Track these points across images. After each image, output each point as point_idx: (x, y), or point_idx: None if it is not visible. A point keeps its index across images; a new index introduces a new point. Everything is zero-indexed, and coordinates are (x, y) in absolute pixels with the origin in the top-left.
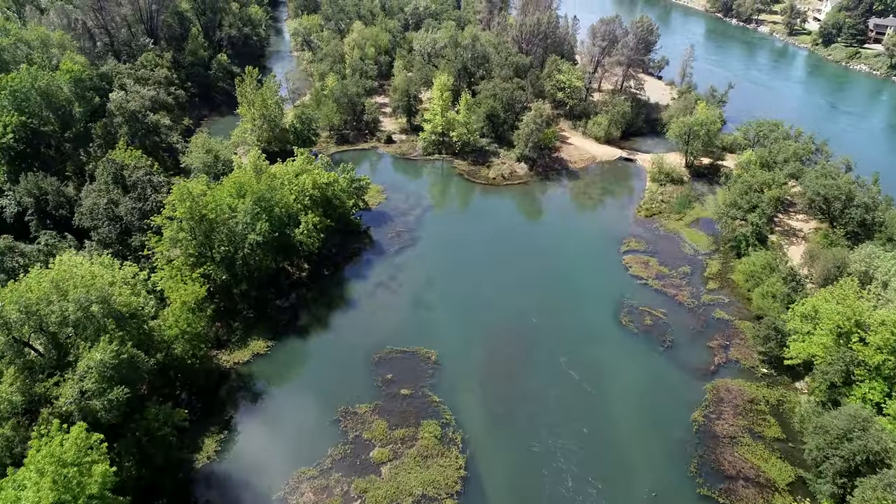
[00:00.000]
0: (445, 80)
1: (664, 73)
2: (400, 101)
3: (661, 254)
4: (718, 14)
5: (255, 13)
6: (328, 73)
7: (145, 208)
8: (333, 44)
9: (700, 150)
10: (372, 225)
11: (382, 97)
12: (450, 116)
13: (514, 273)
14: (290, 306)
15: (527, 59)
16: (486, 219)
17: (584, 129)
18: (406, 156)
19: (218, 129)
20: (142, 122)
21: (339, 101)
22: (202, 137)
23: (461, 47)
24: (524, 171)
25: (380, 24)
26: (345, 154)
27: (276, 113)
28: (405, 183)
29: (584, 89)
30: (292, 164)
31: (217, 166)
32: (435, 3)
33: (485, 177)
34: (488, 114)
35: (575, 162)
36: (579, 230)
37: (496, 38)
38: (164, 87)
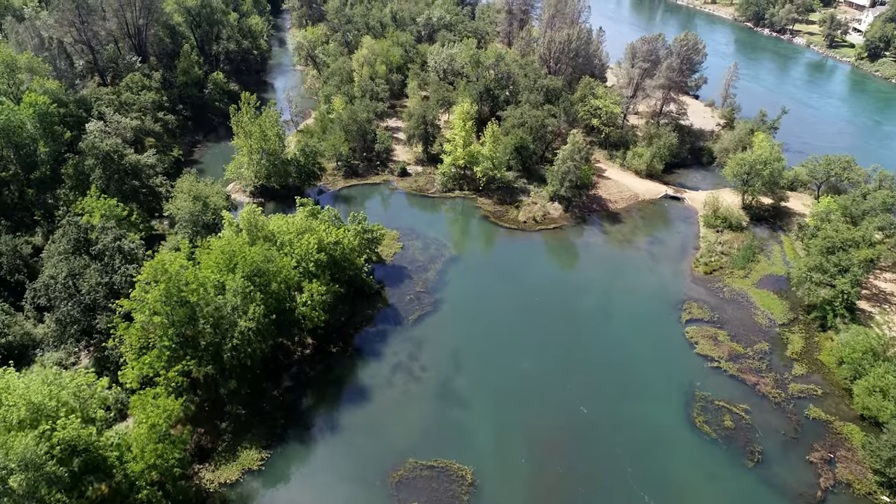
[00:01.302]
0: (468, 107)
1: (701, 92)
2: (415, 129)
3: (731, 324)
4: (748, 24)
5: (255, 24)
6: (335, 94)
7: (114, 283)
8: (340, 61)
9: (761, 190)
10: (387, 282)
11: (395, 120)
12: (474, 149)
13: (556, 348)
14: (290, 397)
15: (558, 81)
16: (518, 274)
17: (622, 161)
18: (423, 192)
19: (212, 158)
20: (118, 164)
21: (347, 128)
22: (188, 181)
23: (483, 67)
24: (558, 213)
25: (391, 37)
26: (354, 189)
27: (277, 146)
28: (423, 227)
29: (623, 115)
30: (294, 219)
31: (206, 216)
32: (450, 14)
33: (514, 219)
34: (517, 146)
35: (615, 201)
36: (628, 290)
37: (521, 56)
38: (152, 113)
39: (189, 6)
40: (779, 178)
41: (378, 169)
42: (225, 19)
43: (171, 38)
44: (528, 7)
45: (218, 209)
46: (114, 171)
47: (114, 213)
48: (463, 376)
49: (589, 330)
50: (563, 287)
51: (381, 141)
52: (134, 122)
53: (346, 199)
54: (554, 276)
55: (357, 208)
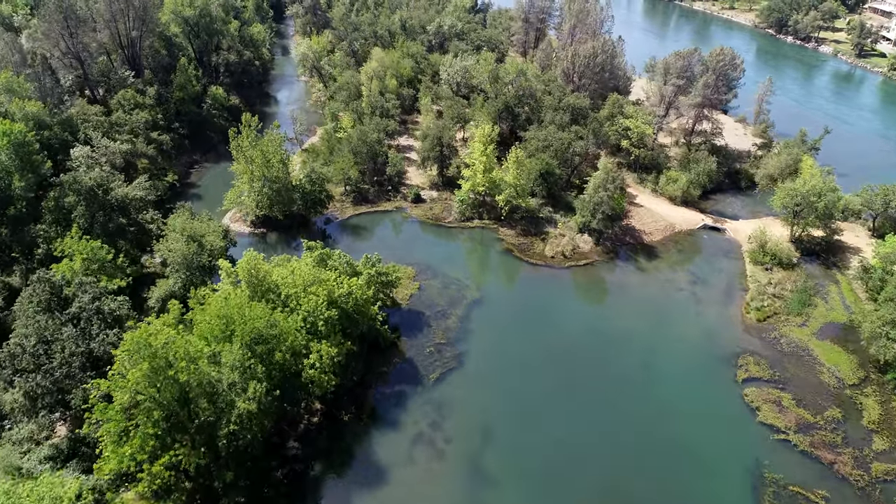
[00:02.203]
0: (489, 130)
1: (729, 106)
2: (430, 151)
3: (794, 384)
4: (770, 30)
5: (257, 33)
6: (342, 110)
7: (92, 351)
8: (348, 75)
9: (814, 223)
10: (403, 331)
11: (406, 138)
12: (496, 176)
13: (595, 411)
14: (296, 480)
15: (585, 99)
16: (549, 321)
17: (654, 186)
18: (439, 221)
19: (211, 181)
20: (103, 199)
21: (356, 150)
22: (181, 218)
23: (502, 82)
24: (588, 247)
25: (400, 48)
26: (364, 218)
27: (281, 173)
28: (441, 263)
29: (654, 136)
30: (300, 267)
31: (201, 258)
32: (461, 22)
33: (540, 254)
34: (542, 171)
35: (649, 233)
36: (673, 341)
37: (542, 69)
38: (144, 134)
39: (187, 16)
40: (833, 210)
41: (390, 194)
42: (225, 29)
43: (167, 50)
44: (546, 16)
45: (215, 250)
46: (98, 207)
47: (97, 257)
48: (492, 450)
49: (631, 389)
50: (600, 336)
51: (394, 164)
52: (124, 147)
53: (356, 230)
54: (588, 323)
55: (368, 240)
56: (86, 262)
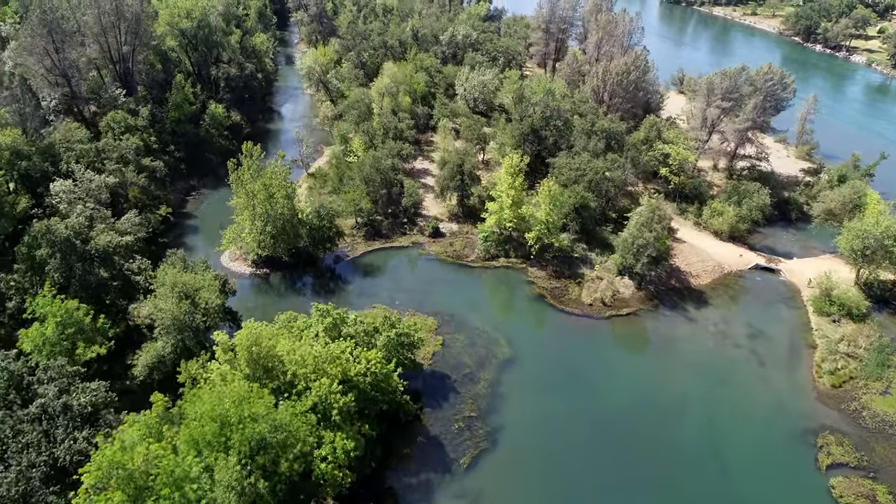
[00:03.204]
0: (517, 161)
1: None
2: (450, 180)
3: (888, 472)
4: (796, 38)
5: (259, 43)
6: (352, 132)
7: (58, 458)
8: (358, 92)
9: (887, 267)
10: (426, 399)
11: (421, 160)
12: (526, 212)
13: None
14: None
15: (621, 124)
16: (592, 385)
17: (696, 219)
18: (461, 259)
19: (209, 210)
20: (81, 251)
21: (369, 178)
22: (172, 271)
23: (527, 102)
24: (630, 292)
25: (412, 60)
26: (378, 255)
27: (286, 209)
28: (465, 310)
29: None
30: (310, 341)
31: (195, 318)
32: (476, 31)
33: (576, 300)
34: (577, 206)
35: (696, 275)
36: (736, 412)
37: (567, 85)
38: (135, 162)
39: (184, 28)
40: None
41: (405, 227)
42: (225, 40)
43: (162, 65)
44: (568, 26)
45: (211, 308)
46: (77, 257)
47: (73, 320)
48: None
49: (695, 478)
50: (651, 405)
51: (410, 194)
52: (111, 180)
53: (369, 270)
54: (637, 388)
55: (382, 282)
56: (60, 326)
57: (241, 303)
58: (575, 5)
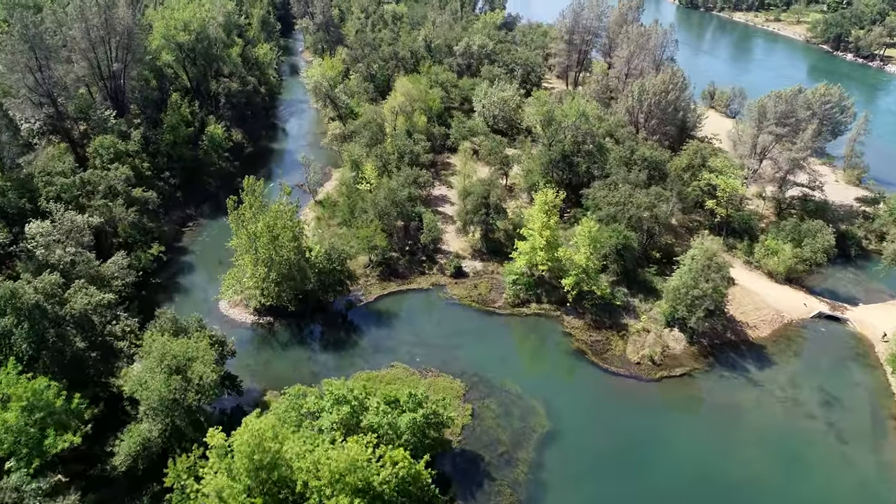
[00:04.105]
0: (552, 197)
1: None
2: (473, 213)
3: None
4: (824, 46)
5: (263, 55)
6: (364, 157)
7: None
8: (370, 111)
9: None
10: (457, 488)
11: (438, 185)
12: (563, 255)
13: None
14: None
15: (664, 152)
16: (645, 464)
17: (747, 257)
18: (487, 305)
19: (207, 244)
20: (54, 316)
21: (384, 212)
22: (161, 340)
23: (557, 126)
24: (681, 347)
25: (426, 73)
26: (394, 299)
27: (293, 254)
28: (495, 369)
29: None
30: (323, 446)
31: (187, 396)
32: (492, 41)
33: (620, 357)
34: (619, 246)
35: (754, 325)
36: (819, 500)
37: (595, 101)
38: (125, 194)
39: (181, 42)
40: None
41: (424, 266)
42: (226, 53)
43: (157, 81)
44: (592, 37)
45: (206, 384)
46: (50, 323)
47: (42, 402)
48: None
49: None
50: (714, 487)
51: (430, 229)
52: (95, 220)
53: (385, 317)
54: (698, 467)
55: (400, 332)
56: (26, 411)
57: (241, 359)
58: (600, 14)
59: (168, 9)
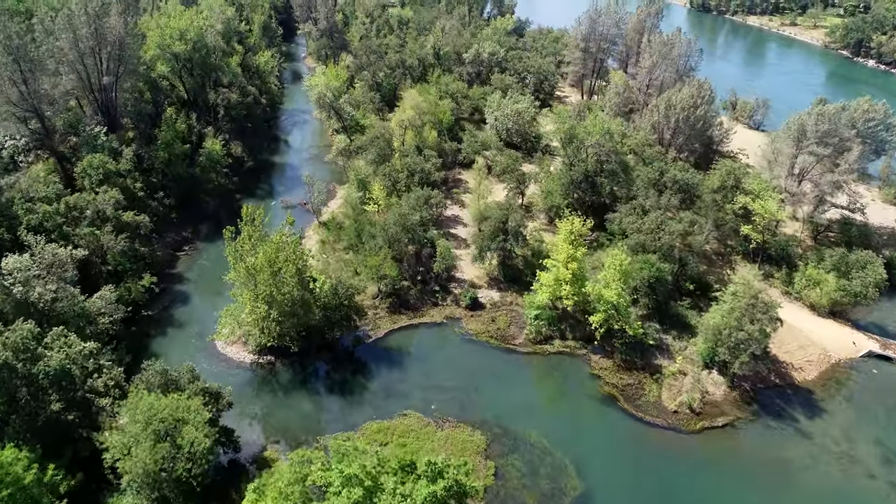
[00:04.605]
0: (578, 226)
1: None
2: (490, 240)
3: None
4: (843, 51)
5: (264, 63)
6: (372, 176)
7: None
8: (377, 125)
9: None
10: None
11: (451, 205)
12: (592, 292)
13: None
14: None
15: (696, 174)
16: None
17: (786, 287)
18: (507, 341)
19: (204, 270)
20: (26, 373)
21: (394, 239)
22: (147, 400)
23: (579, 144)
24: (721, 392)
25: (435, 82)
26: (405, 335)
27: (297, 290)
28: (520, 419)
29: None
30: None
31: (176, 467)
32: (503, 48)
33: (655, 403)
34: (651, 279)
35: (799, 367)
36: None
37: (614, 117)
38: (114, 220)
39: (177, 51)
40: None
41: (437, 296)
42: (225, 63)
43: (151, 94)
44: (609, 44)
45: (198, 451)
46: (20, 384)
47: (10, 477)
48: None
49: None
50: None
51: (443, 257)
52: (79, 254)
53: (395, 355)
54: None
55: (412, 373)
56: None
57: (239, 405)
58: (618, 21)
59: (165, 15)
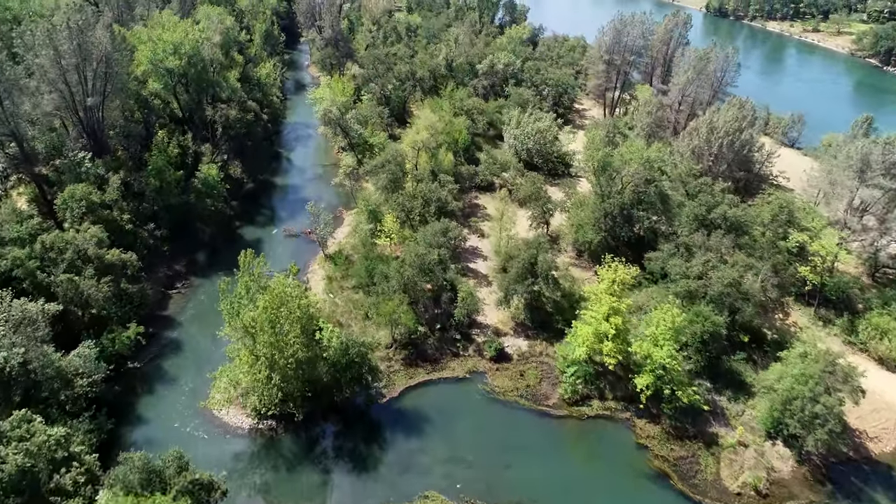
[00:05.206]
0: (622, 273)
1: None
2: (518, 283)
3: None
4: (871, 60)
5: (265, 75)
6: (384, 205)
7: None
8: (389, 151)
9: None
10: None
11: (468, 233)
12: (639, 350)
13: None
14: None
15: (746, 210)
16: None
17: (847, 335)
18: (538, 402)
19: (198, 312)
20: None
21: (410, 284)
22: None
23: (614, 173)
24: (788, 468)
25: (448, 97)
26: (425, 393)
27: (303, 352)
28: (556, 500)
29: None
30: None
31: None
32: (520, 58)
33: (714, 482)
34: (705, 335)
35: (875, 436)
36: None
37: (658, 145)
38: (96, 261)
39: (171, 67)
40: None
41: (457, 345)
42: (223, 77)
43: (142, 113)
44: (636, 56)
45: None
46: None
47: None
48: None
49: None
50: None
51: (465, 303)
52: (52, 307)
53: (414, 419)
54: None
55: (432, 441)
56: None
57: (235, 481)
58: (645, 32)
59: (160, 25)
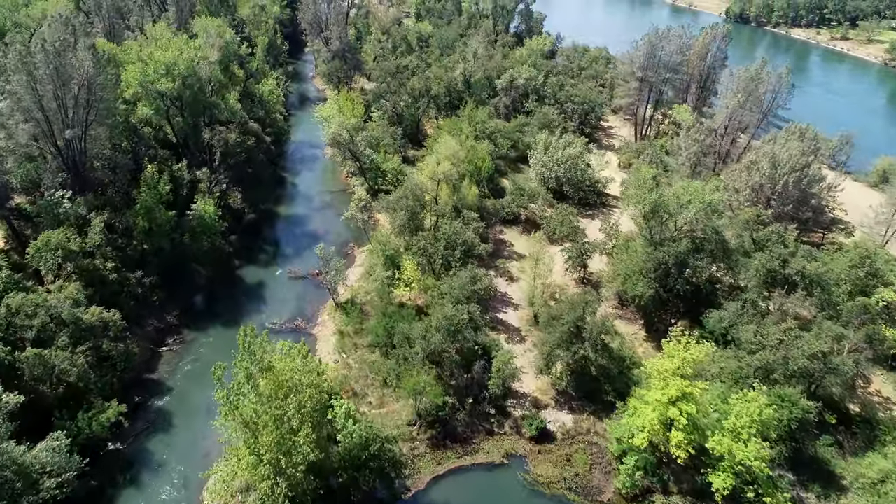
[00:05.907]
0: (697, 353)
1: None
2: (563, 347)
3: None
4: None
5: (268, 92)
6: (401, 248)
7: None
8: (406, 186)
9: None
10: None
11: (495, 274)
12: (718, 447)
13: None
14: None
15: (824, 261)
16: None
17: None
18: (591, 496)
19: (192, 374)
20: None
21: (437, 353)
22: None
23: (666, 216)
24: None
25: (467, 117)
26: (455, 483)
27: (314, 452)
28: None
29: None
30: None
31: None
32: (541, 73)
33: None
34: (793, 423)
35: None
36: None
37: (717, 182)
38: (71, 326)
39: (163, 90)
40: None
41: (491, 421)
42: (221, 97)
43: (130, 141)
44: (672, 74)
45: None
46: None
47: None
48: None
49: None
50: None
51: (500, 373)
52: (13, 399)
53: None
54: None
55: None
56: None
57: None
58: (682, 48)
59: (153, 40)
